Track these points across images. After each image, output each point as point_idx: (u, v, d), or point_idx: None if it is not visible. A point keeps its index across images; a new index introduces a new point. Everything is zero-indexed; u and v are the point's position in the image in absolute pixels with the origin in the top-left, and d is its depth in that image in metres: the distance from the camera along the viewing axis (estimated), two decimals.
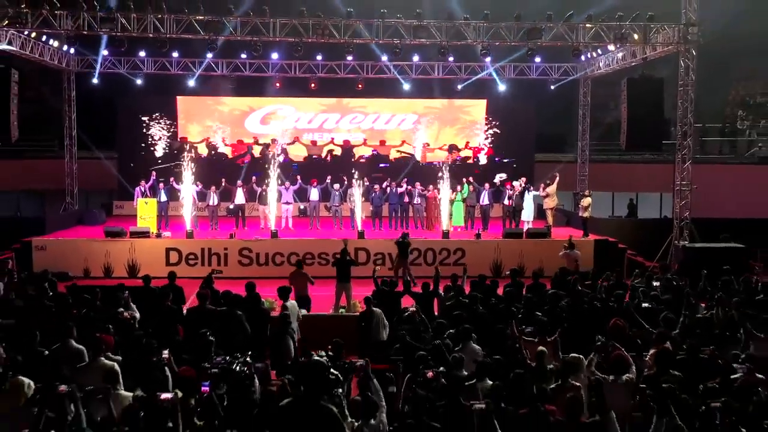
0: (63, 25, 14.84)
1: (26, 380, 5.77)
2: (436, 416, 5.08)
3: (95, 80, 20.67)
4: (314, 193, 18.60)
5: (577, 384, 5.78)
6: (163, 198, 17.96)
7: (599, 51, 18.93)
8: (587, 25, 15.60)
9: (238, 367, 5.09)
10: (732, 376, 5.93)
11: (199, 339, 6.56)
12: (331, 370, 4.28)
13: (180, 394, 4.77)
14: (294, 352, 7.54)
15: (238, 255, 16.11)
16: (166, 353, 5.93)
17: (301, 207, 19.88)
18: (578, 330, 7.54)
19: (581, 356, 6.32)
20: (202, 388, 4.90)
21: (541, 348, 6.81)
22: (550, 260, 14.57)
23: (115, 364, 6.19)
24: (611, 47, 17.49)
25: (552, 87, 21.64)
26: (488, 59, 17.92)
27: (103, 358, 6.30)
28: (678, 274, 12.20)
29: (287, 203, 18.39)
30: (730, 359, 6.31)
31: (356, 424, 4.77)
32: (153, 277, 10.31)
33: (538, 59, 19.99)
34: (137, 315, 8.42)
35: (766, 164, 24.35)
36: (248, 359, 5.27)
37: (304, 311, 9.62)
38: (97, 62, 20.15)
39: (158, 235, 16.63)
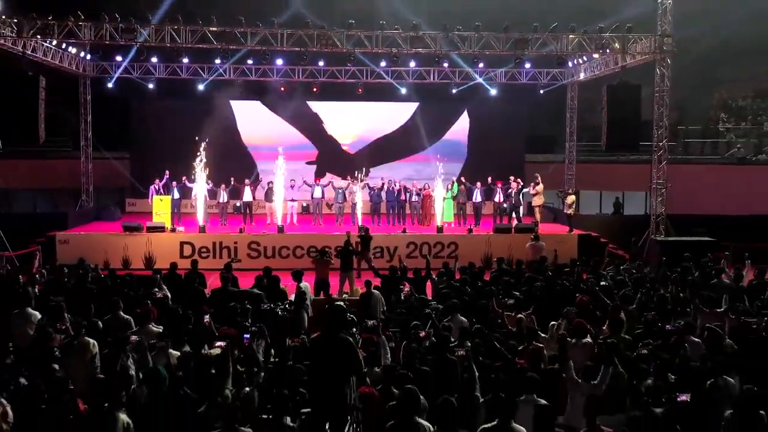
0: (86, 36, 16.08)
1: (91, 340, 7.02)
2: (427, 365, 6.35)
3: (110, 85, 21.92)
4: (318, 191, 19.86)
5: (540, 345, 7.04)
6: (176, 195, 19.18)
7: (585, 58, 20.21)
8: (571, 36, 16.88)
9: (280, 312, 6.37)
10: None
11: (229, 311, 7.82)
12: (348, 314, 5.49)
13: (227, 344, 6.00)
14: (306, 324, 8.77)
15: (247, 248, 17.27)
16: (207, 318, 7.19)
17: (304, 204, 21.16)
18: (550, 305, 8.81)
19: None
20: (244, 340, 6.18)
21: (519, 316, 8.11)
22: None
23: (161, 329, 7.45)
24: (595, 55, 18.79)
25: (541, 92, 22.93)
26: (481, 65, 19.21)
27: (150, 325, 7.56)
28: (652, 264, 13.54)
29: (292, 200, 19.65)
30: (678, 328, 7.58)
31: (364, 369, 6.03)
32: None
33: (528, 65, 21.36)
34: (169, 294, 9.66)
35: (744, 164, 25.65)
36: (287, 306, 6.55)
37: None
38: (113, 68, 21.37)
39: (173, 230, 17.84)
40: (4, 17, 15.97)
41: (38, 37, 16.15)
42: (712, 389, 6.06)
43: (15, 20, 15.71)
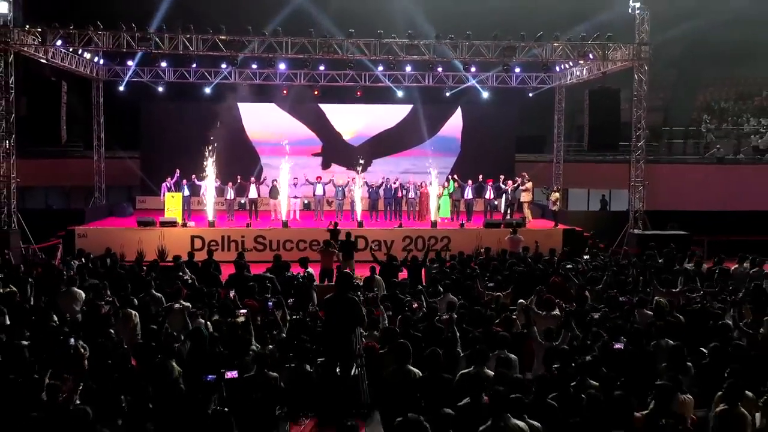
0: (105, 44, 17.31)
1: (133, 311, 8.29)
2: (418, 331, 7.61)
3: (121, 88, 23.15)
4: (319, 189, 21.12)
5: (513, 316, 8.30)
6: (186, 192, 20.42)
7: (571, 63, 21.49)
8: (555, 44, 18.16)
9: (300, 279, 7.65)
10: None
11: (248, 289, 9.09)
12: (354, 280, 6.73)
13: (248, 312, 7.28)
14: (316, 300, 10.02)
15: (254, 242, 18.48)
16: (232, 293, 8.46)
17: (306, 202, 22.42)
18: (528, 286, 10.08)
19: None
20: (269, 308, 7.46)
21: (497, 294, 9.40)
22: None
23: (189, 305, 8.71)
24: (580, 62, 20.07)
25: (530, 94, 24.22)
26: (473, 69, 20.50)
27: (182, 301, 8.81)
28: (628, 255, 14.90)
29: (295, 197, 20.91)
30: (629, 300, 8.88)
31: (365, 333, 7.30)
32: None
33: (517, 69, 22.64)
34: (193, 276, 10.93)
35: (724, 164, 27.00)
36: (305, 276, 7.84)
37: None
38: (124, 72, 22.61)
39: (184, 225, 19.06)
40: (28, 26, 17.23)
41: (58, 44, 17.36)
42: (656, 348, 7.36)
43: (39, 29, 16.93)
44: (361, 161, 20.70)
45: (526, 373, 7.29)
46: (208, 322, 7.86)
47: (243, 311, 7.18)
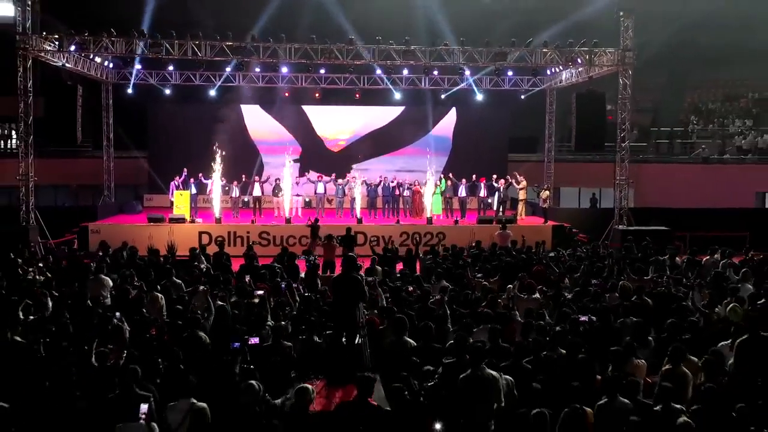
0: (118, 50, 18.28)
1: (159, 294, 9.29)
2: (413, 310, 8.62)
3: (129, 90, 24.10)
4: (320, 187, 22.14)
5: (500, 300, 9.32)
6: (193, 191, 21.41)
7: (561, 67, 22.49)
8: (544, 50, 19.18)
9: (314, 260, 8.68)
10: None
11: (260, 276, 10.11)
12: (357, 262, 7.71)
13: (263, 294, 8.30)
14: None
15: (258, 237, 19.51)
16: (248, 278, 9.47)
17: (307, 200, 23.42)
18: (513, 274, 11.10)
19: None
20: (282, 289, 8.49)
21: (484, 283, 10.42)
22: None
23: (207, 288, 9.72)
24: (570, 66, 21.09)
25: (522, 97, 25.23)
26: (467, 72, 21.52)
27: (201, 287, 9.81)
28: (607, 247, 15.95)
29: (297, 195, 21.90)
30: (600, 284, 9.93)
31: (366, 311, 8.30)
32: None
33: (510, 73, 23.64)
34: (209, 265, 11.95)
35: (708, 163, 28.07)
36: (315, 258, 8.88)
37: None
38: (132, 75, 23.58)
39: (192, 221, 20.07)
40: (45, 33, 18.20)
41: (72, 49, 18.31)
42: (622, 325, 8.38)
43: (56, 36, 17.90)
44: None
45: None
46: (227, 304, 8.86)
47: (259, 292, 8.19)
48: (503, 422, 5.34)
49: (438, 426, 5.15)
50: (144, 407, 5.14)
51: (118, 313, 7.72)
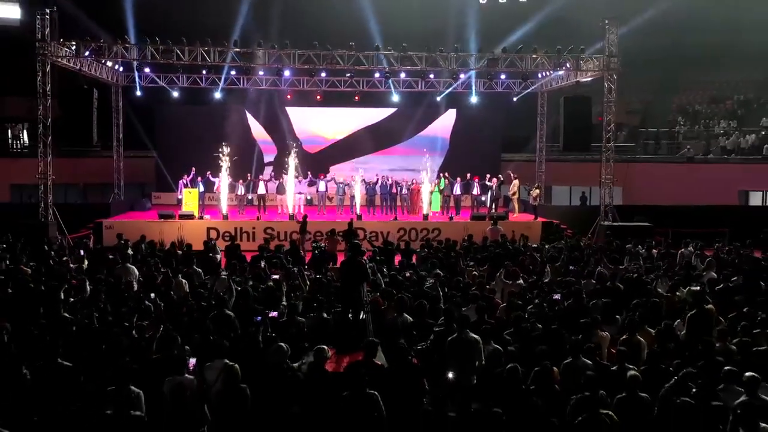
0: (132, 56, 19.38)
1: (183, 280, 10.41)
2: (409, 292, 9.75)
3: (138, 93, 25.17)
4: (321, 185, 23.26)
5: (487, 286, 10.46)
6: (201, 189, 22.51)
7: (551, 71, 23.63)
8: (533, 56, 20.32)
9: (323, 248, 9.82)
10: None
11: (273, 263, 11.25)
12: (362, 247, 8.83)
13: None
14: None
15: (263, 233, 20.52)
16: (263, 263, 10.60)
17: (308, 197, 24.53)
18: (501, 264, 12.23)
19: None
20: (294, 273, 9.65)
21: (475, 272, 11.56)
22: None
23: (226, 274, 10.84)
24: (560, 72, 22.25)
25: (514, 99, 26.36)
26: (462, 76, 22.65)
27: (223, 275, 10.91)
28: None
29: (299, 193, 23.01)
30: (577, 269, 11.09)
31: (369, 292, 9.44)
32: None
33: (503, 76, 24.77)
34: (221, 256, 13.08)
35: (693, 163, 29.27)
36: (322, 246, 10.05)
37: None
38: (141, 78, 24.64)
39: (200, 218, 21.16)
40: (62, 39, 19.26)
41: (86, 54, 19.37)
42: (594, 305, 9.52)
43: (73, 43, 18.98)
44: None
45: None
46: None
47: (275, 277, 9.32)
48: (483, 377, 6.45)
49: (450, 375, 6.26)
50: (192, 360, 6.25)
51: (152, 294, 8.82)
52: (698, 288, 9.70)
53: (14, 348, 6.94)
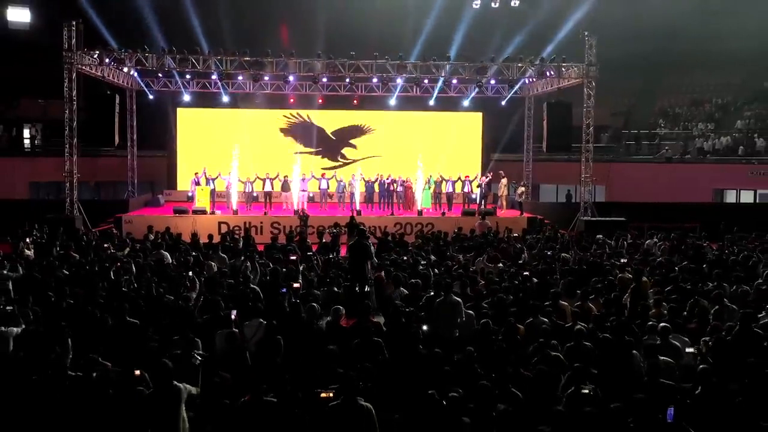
0: (151, 64, 21.12)
1: (213, 263, 12.21)
2: (405, 272, 11.57)
3: (151, 96, 26.89)
4: (323, 184, 25.06)
5: (471, 267, 12.29)
6: (212, 186, 24.26)
7: (534, 78, 25.46)
8: (519, 65, 22.17)
9: (338, 231, 11.69)
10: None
11: (284, 251, 13.08)
12: (367, 232, 10.65)
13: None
14: None
15: (270, 227, 22.35)
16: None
17: (310, 195, 26.29)
18: (484, 251, 14.07)
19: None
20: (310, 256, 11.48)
21: (460, 257, 13.40)
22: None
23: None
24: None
25: (503, 103, 28.17)
26: (454, 81, 24.48)
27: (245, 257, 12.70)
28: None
29: (303, 191, 24.79)
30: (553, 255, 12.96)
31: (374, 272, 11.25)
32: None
33: (492, 81, 26.57)
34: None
35: (671, 163, 31.20)
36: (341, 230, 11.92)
37: None
38: (154, 82, 26.39)
39: (212, 213, 22.93)
40: (86, 48, 20.98)
41: (107, 61, 21.10)
42: (561, 283, 11.36)
43: (96, 53, 20.71)
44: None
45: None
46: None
47: (293, 258, 11.15)
48: (463, 331, 8.28)
49: (425, 327, 8.10)
50: (234, 312, 8.06)
51: (190, 273, 10.62)
52: (637, 267, 11.58)
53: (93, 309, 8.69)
